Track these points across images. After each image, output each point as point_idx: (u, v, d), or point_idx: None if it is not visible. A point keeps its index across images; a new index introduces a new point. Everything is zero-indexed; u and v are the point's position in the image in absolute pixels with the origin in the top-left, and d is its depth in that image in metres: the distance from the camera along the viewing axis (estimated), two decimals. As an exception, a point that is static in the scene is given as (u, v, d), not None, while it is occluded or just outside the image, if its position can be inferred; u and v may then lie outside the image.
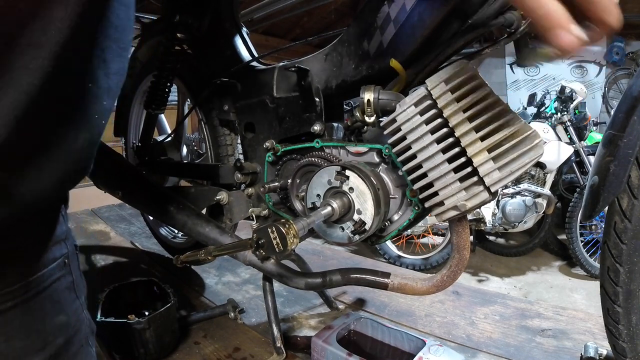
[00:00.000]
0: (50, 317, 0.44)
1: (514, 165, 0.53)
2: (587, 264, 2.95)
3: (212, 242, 0.89)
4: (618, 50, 5.23)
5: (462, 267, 0.65)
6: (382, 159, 0.72)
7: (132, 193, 1.03)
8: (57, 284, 0.44)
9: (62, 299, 0.46)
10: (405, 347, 0.88)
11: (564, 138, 3.10)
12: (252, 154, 0.97)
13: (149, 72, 1.25)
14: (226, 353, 0.99)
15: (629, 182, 0.65)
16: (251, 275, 1.45)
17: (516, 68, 5.87)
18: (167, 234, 1.46)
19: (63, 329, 0.45)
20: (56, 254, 0.45)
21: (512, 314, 1.17)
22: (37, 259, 0.42)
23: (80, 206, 2.46)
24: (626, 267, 0.68)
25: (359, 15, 0.72)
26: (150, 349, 0.93)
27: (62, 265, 0.45)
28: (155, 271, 1.48)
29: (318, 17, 5.39)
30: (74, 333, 0.46)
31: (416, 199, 0.66)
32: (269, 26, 4.74)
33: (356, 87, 0.68)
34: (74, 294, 0.48)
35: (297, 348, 0.99)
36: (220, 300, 1.24)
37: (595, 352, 0.86)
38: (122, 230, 1.99)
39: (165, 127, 1.60)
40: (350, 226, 0.68)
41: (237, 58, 1.00)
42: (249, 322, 1.13)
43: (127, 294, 1.07)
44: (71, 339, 0.46)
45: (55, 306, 0.45)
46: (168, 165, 1.28)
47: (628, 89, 0.66)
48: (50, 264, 0.44)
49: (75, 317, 0.47)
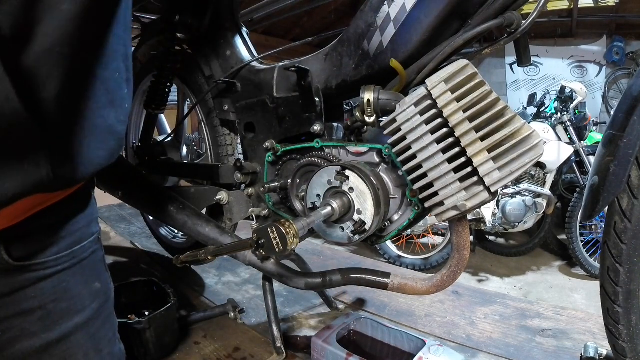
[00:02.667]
0: (89, 284, 0.51)
1: (514, 165, 0.53)
2: (587, 264, 2.95)
3: (212, 242, 0.89)
4: (618, 50, 5.22)
5: (462, 267, 0.65)
6: (382, 159, 0.72)
7: (132, 193, 1.03)
8: (93, 255, 0.52)
9: (97, 269, 0.53)
10: (405, 347, 0.88)
11: (564, 138, 3.10)
12: (252, 154, 0.97)
13: (149, 72, 1.25)
14: (226, 353, 0.99)
15: (629, 182, 0.65)
16: (251, 275, 1.45)
17: (516, 68, 5.86)
18: (167, 234, 1.46)
19: (98, 295, 0.52)
20: (93, 229, 0.52)
21: (512, 314, 1.17)
22: (81, 231, 0.49)
23: (80, 206, 2.45)
24: (626, 267, 0.68)
25: (359, 15, 0.72)
26: (150, 349, 0.93)
27: (96, 240, 0.53)
28: (155, 271, 1.48)
29: (318, 17, 5.39)
30: (105, 300, 0.53)
31: (416, 199, 0.66)
32: (269, 26, 4.74)
33: (356, 87, 0.68)
34: (104, 266, 0.55)
35: (297, 348, 0.99)
36: (220, 300, 1.24)
37: (595, 352, 0.86)
38: (122, 230, 1.99)
39: (165, 127, 1.60)
40: (350, 226, 0.68)
41: (237, 58, 1.00)
42: (249, 322, 1.13)
43: (127, 294, 1.07)
44: (103, 304, 0.53)
45: (92, 274, 0.52)
46: (168, 165, 1.28)
47: (628, 89, 0.66)
48: (89, 237, 0.51)
49: (106, 286, 0.54)
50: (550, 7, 4.78)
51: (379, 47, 0.69)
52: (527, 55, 0.72)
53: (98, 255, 0.53)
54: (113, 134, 0.45)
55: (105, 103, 0.43)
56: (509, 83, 5.97)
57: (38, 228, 0.45)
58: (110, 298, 0.55)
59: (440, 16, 0.63)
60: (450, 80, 0.56)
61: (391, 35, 0.67)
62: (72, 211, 0.49)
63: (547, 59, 5.62)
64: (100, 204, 2.37)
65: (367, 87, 0.66)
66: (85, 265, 0.50)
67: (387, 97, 0.65)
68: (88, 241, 0.51)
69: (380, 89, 0.66)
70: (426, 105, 0.58)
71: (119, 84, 0.44)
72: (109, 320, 0.55)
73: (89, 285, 0.51)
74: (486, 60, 5.83)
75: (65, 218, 0.47)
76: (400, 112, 0.60)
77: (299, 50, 2.51)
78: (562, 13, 5.01)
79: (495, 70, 5.92)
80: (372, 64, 0.71)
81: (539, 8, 0.63)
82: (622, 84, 5.32)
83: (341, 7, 5.11)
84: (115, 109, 0.44)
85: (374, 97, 0.65)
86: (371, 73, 0.72)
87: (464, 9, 0.65)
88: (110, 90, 0.43)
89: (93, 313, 0.51)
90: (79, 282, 0.49)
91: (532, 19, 0.63)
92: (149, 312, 0.96)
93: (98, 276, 0.53)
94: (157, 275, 1.43)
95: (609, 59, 5.34)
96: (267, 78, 0.90)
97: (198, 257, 0.77)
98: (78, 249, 0.49)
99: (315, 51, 0.81)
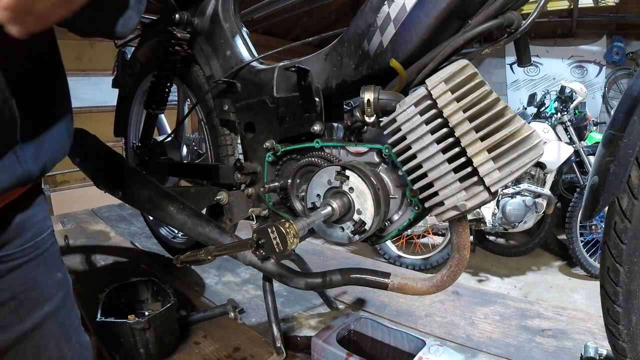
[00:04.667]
0: (52, 274, 0.54)
1: (514, 165, 0.53)
2: (587, 264, 2.95)
3: (212, 242, 0.89)
4: (618, 50, 5.22)
5: (462, 267, 0.65)
6: (382, 159, 0.72)
7: (132, 193, 1.03)
8: (52, 247, 0.55)
9: (56, 260, 0.56)
10: (405, 347, 0.88)
11: (564, 138, 3.09)
12: (252, 154, 0.97)
13: (149, 72, 1.25)
14: (226, 353, 0.99)
15: (629, 182, 0.65)
16: (251, 275, 1.45)
17: (516, 68, 5.86)
18: (167, 234, 1.46)
19: (61, 285, 0.55)
20: (48, 222, 0.56)
21: (512, 314, 1.17)
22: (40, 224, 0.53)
23: (80, 206, 2.46)
24: (626, 267, 0.68)
25: (359, 15, 0.72)
26: (150, 349, 0.93)
27: (52, 232, 0.56)
28: (155, 271, 1.48)
29: (318, 17, 5.39)
30: (67, 290, 0.57)
31: (416, 199, 0.66)
32: (268, 26, 4.74)
33: (356, 87, 0.68)
34: (60, 258, 0.58)
35: (297, 348, 0.99)
36: (220, 300, 1.24)
37: (595, 352, 0.86)
38: (122, 230, 1.99)
39: (165, 127, 1.60)
40: (350, 226, 0.68)
41: (237, 58, 1.00)
42: (249, 322, 1.13)
43: (127, 294, 1.07)
44: (67, 293, 0.56)
45: (54, 265, 0.55)
46: (168, 165, 1.28)
47: (628, 89, 0.66)
48: (47, 230, 0.54)
49: (66, 276, 0.57)
50: (550, 7, 4.78)
51: (379, 47, 0.69)
52: (527, 55, 0.72)
53: (55, 247, 0.56)
54: (68, 132, 0.53)
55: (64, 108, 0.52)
56: (509, 83, 5.97)
57: (3, 221, 0.48)
58: (70, 288, 0.58)
59: (440, 16, 0.63)
60: (450, 80, 0.56)
61: (391, 35, 0.67)
62: (32, 204, 0.52)
63: (547, 59, 5.62)
64: (100, 204, 2.38)
65: (367, 87, 0.66)
66: (46, 257, 0.53)
67: (387, 97, 0.65)
68: (47, 233, 0.54)
69: (380, 89, 0.66)
70: (426, 105, 0.58)
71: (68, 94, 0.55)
72: (73, 309, 0.58)
73: (52, 275, 0.54)
74: (486, 60, 5.83)
75: (26, 211, 0.51)
76: (400, 112, 0.60)
77: (299, 50, 2.51)
78: (562, 13, 5.02)
79: (495, 70, 5.92)
80: (372, 64, 0.71)
81: (539, 8, 0.63)
82: (622, 84, 5.32)
83: (341, 7, 5.10)
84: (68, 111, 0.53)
85: (374, 97, 0.65)
86: (371, 73, 0.72)
87: (464, 9, 0.65)
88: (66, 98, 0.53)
89: (59, 302, 0.54)
90: (44, 272, 0.53)
91: (532, 19, 0.63)
92: (149, 312, 0.96)
93: (58, 267, 0.56)
94: (157, 275, 1.43)
95: (609, 59, 5.33)
96: (267, 78, 0.90)
97: (198, 257, 0.77)
98: (40, 240, 0.52)
99: (315, 51, 0.81)
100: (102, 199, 2.01)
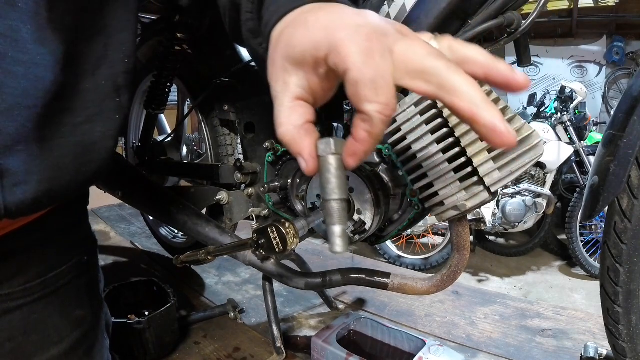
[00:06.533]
0: (68, 312, 0.45)
1: (514, 166, 0.53)
2: (587, 264, 2.95)
3: (212, 242, 0.89)
4: (618, 50, 5.22)
5: (462, 267, 0.65)
6: (382, 159, 0.72)
7: (132, 193, 1.03)
8: (76, 281, 0.46)
9: (81, 294, 0.47)
10: (405, 347, 0.88)
11: (564, 138, 3.10)
12: (252, 154, 0.97)
13: (149, 72, 1.25)
14: (226, 353, 0.99)
15: (629, 182, 0.65)
16: (251, 275, 1.45)
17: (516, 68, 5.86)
18: (167, 234, 1.46)
19: (80, 324, 0.46)
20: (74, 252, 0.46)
21: (512, 314, 1.17)
22: (56, 256, 0.44)
23: (80, 206, 2.45)
24: (626, 267, 0.68)
25: (359, 15, 0.72)
26: (150, 349, 0.92)
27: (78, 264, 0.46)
28: (155, 271, 1.48)
29: (318, 17, 5.39)
30: (90, 328, 0.47)
31: (416, 199, 0.66)
32: (269, 26, 4.74)
33: (356, 87, 0.68)
34: (92, 291, 0.49)
35: (297, 348, 0.99)
36: (220, 300, 1.24)
37: (595, 352, 0.86)
38: (122, 230, 1.99)
39: (165, 127, 1.60)
40: (350, 226, 0.68)
41: (237, 58, 1.00)
42: (249, 322, 1.13)
43: (127, 294, 1.07)
44: (87, 333, 0.47)
45: (73, 302, 0.46)
46: (168, 165, 1.28)
47: (628, 89, 0.66)
48: (67, 263, 0.45)
49: (93, 312, 0.48)
50: (550, 7, 4.78)
51: (379, 47, 0.69)
52: (527, 55, 0.72)
53: (82, 279, 0.48)
54: (97, 151, 0.39)
55: (86, 117, 0.37)
56: (509, 83, 5.96)
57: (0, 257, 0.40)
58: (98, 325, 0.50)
59: (440, 16, 0.63)
60: (450, 80, 0.56)
61: (391, 35, 0.67)
62: (40, 237, 0.43)
63: (547, 59, 5.62)
64: (100, 204, 2.38)
65: (367, 87, 0.66)
66: (62, 294, 0.45)
67: (387, 97, 0.65)
68: (67, 265, 0.45)
69: (380, 89, 0.66)
70: (426, 105, 0.58)
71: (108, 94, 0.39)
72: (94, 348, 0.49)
73: (67, 314, 0.46)
74: (486, 60, 5.82)
75: (32, 244, 0.42)
76: (400, 112, 0.60)
77: (299, 50, 2.51)
78: (562, 13, 5.01)
79: (495, 70, 5.92)
80: (372, 64, 0.71)
81: (539, 8, 0.63)
82: (622, 84, 5.32)
83: (341, 7, 5.10)
84: (103, 122, 0.39)
85: (374, 97, 0.65)
86: (371, 73, 0.72)
87: (464, 9, 0.65)
88: (94, 103, 0.38)
89: (73, 343, 0.46)
90: (54, 312, 0.44)
91: (532, 19, 0.63)
92: (149, 312, 0.96)
93: (81, 303, 0.47)
94: (157, 275, 1.43)
95: (609, 59, 5.33)
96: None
97: (198, 257, 0.77)
98: (52, 277, 0.43)
99: (315, 51, 0.81)
100: (102, 199, 2.01)
